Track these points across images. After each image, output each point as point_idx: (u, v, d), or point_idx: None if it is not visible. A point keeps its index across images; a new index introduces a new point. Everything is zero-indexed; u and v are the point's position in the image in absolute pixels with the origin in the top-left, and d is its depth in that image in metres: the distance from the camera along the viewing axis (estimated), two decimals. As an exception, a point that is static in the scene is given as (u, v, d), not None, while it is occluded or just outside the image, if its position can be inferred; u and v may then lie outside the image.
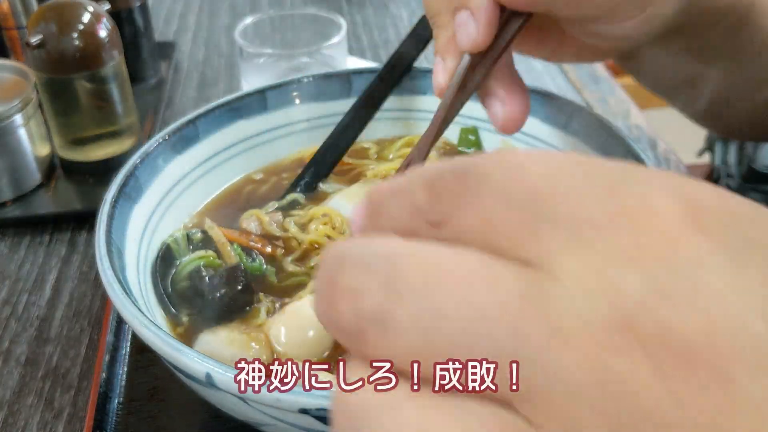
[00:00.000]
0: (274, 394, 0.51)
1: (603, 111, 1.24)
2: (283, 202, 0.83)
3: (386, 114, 0.92)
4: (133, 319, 0.57)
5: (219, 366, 0.53)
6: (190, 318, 0.69)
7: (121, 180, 0.71)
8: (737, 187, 1.42)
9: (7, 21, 1.16)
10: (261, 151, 0.88)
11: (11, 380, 0.78)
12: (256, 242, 0.76)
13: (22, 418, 0.74)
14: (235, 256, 0.73)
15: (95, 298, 0.88)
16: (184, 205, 0.80)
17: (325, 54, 1.08)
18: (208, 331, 0.65)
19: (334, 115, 0.88)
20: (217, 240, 0.75)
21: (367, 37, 1.51)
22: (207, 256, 0.72)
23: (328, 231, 0.78)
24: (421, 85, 0.91)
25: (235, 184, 0.87)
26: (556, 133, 0.83)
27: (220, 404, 0.59)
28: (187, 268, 0.72)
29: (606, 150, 0.78)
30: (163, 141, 0.78)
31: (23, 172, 1.01)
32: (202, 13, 1.64)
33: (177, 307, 0.70)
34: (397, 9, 1.63)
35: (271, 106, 0.87)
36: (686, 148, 1.30)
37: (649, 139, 1.16)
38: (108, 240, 0.65)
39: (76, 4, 0.99)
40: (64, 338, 0.83)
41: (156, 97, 1.27)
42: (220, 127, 0.84)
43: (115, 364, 0.75)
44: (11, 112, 0.96)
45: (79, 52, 0.98)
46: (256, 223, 0.79)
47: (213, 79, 1.37)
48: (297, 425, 0.54)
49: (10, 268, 0.93)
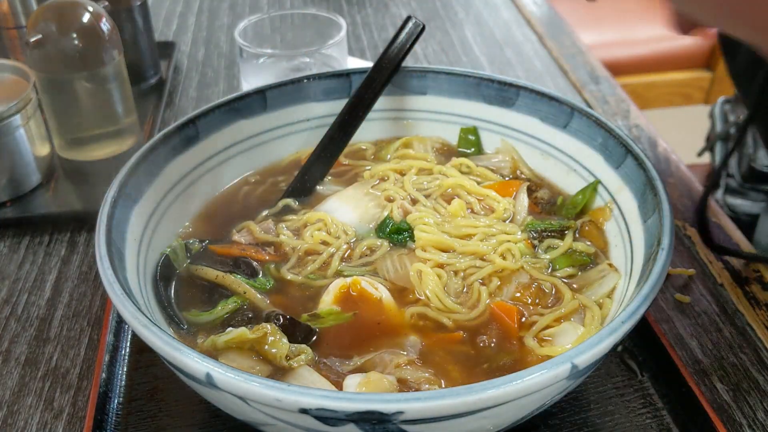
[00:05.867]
0: (274, 393, 0.51)
1: (603, 111, 1.24)
2: (275, 209, 0.83)
3: (382, 115, 0.92)
4: (133, 319, 0.57)
5: (219, 366, 0.53)
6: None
7: (121, 180, 0.71)
8: (737, 187, 1.42)
9: (7, 21, 1.16)
10: (261, 151, 0.88)
11: (11, 380, 0.78)
12: (250, 252, 0.77)
13: (22, 418, 0.74)
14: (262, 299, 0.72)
15: (95, 298, 0.88)
16: (183, 205, 0.80)
17: (325, 54, 1.08)
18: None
19: (334, 115, 0.88)
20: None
21: (367, 37, 1.51)
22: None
23: (324, 237, 0.78)
24: (417, 86, 0.90)
25: (233, 186, 0.87)
26: (557, 133, 0.84)
27: (220, 404, 0.59)
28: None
29: (606, 150, 0.78)
30: (163, 141, 0.78)
31: (23, 172, 1.01)
32: (202, 13, 1.64)
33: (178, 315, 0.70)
34: (397, 9, 1.63)
35: (271, 106, 0.87)
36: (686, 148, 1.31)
37: (649, 139, 1.16)
38: (108, 240, 0.65)
39: (75, 4, 0.99)
40: (64, 338, 0.83)
41: (156, 97, 1.27)
42: (220, 127, 0.84)
43: (115, 364, 0.75)
44: (11, 112, 0.96)
45: (79, 51, 0.98)
46: (248, 233, 0.79)
47: (213, 79, 1.37)
48: (297, 425, 0.54)
49: (9, 268, 0.93)
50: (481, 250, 0.75)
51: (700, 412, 0.67)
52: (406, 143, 0.92)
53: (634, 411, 0.71)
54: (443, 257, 0.74)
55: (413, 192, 0.83)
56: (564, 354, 0.53)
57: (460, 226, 0.77)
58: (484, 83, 0.87)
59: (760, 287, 0.87)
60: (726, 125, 1.59)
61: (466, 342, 0.67)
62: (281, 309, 0.70)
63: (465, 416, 0.51)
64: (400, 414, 0.50)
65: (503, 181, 0.85)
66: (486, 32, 1.52)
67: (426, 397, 0.50)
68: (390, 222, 0.78)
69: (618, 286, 0.71)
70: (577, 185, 0.82)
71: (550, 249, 0.76)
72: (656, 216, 0.67)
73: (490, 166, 0.87)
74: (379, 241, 0.77)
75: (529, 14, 1.60)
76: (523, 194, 0.82)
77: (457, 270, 0.73)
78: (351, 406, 0.50)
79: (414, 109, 0.92)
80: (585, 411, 0.71)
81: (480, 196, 0.83)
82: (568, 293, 0.70)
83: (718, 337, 0.81)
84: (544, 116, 0.84)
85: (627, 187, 0.74)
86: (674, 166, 1.09)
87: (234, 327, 0.66)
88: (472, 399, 0.50)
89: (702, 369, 0.77)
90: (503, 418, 0.56)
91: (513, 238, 0.76)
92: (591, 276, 0.73)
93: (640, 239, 0.69)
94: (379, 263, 0.75)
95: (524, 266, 0.73)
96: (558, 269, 0.74)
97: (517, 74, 1.36)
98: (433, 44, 1.47)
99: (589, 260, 0.74)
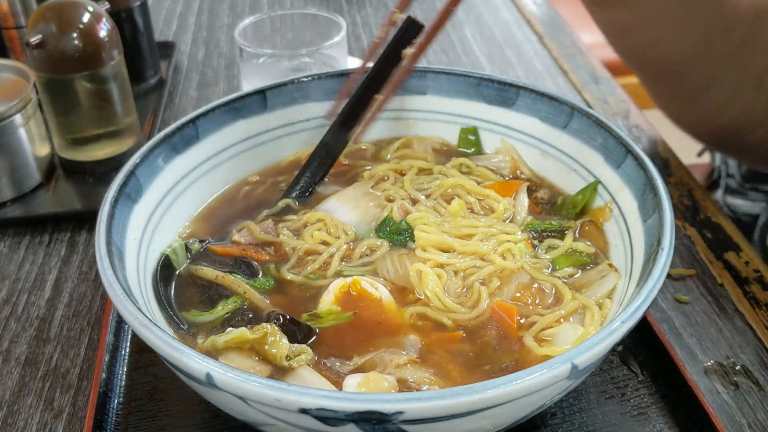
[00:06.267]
0: (274, 393, 0.51)
1: (603, 111, 1.24)
2: (275, 209, 0.83)
3: (383, 114, 0.92)
4: (133, 320, 0.57)
5: (219, 366, 0.53)
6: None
7: (121, 180, 0.71)
8: (737, 187, 1.42)
9: (7, 21, 1.16)
10: (261, 151, 0.88)
11: (11, 380, 0.78)
12: (250, 252, 0.77)
13: (22, 418, 0.74)
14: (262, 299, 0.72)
15: (95, 298, 0.88)
16: (183, 205, 0.80)
17: (325, 54, 1.08)
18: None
19: (333, 115, 0.88)
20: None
21: (367, 37, 1.51)
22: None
23: (324, 237, 0.78)
24: (417, 86, 0.90)
25: (233, 186, 0.87)
26: (557, 133, 0.84)
27: (220, 404, 0.59)
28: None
29: (606, 150, 0.78)
30: (163, 141, 0.78)
31: (23, 172, 1.01)
32: (202, 13, 1.64)
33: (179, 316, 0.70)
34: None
35: (271, 106, 0.87)
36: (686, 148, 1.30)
37: (649, 139, 1.16)
38: (108, 240, 0.65)
39: (75, 4, 0.99)
40: (64, 338, 0.83)
41: (156, 97, 1.27)
42: (220, 127, 0.84)
43: (115, 364, 0.75)
44: (11, 112, 0.96)
45: (79, 52, 0.97)
46: (248, 233, 0.79)
47: (213, 79, 1.37)
48: (297, 425, 0.54)
49: (10, 268, 0.93)
50: (481, 250, 0.75)
51: (700, 412, 0.67)
52: (406, 143, 0.92)
53: (635, 411, 0.71)
54: (443, 257, 0.74)
55: (413, 192, 0.83)
56: (564, 354, 0.53)
57: (460, 226, 0.77)
58: (484, 83, 0.87)
59: (760, 287, 0.87)
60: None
61: (466, 342, 0.67)
62: (281, 309, 0.70)
63: (465, 416, 0.51)
64: (400, 414, 0.50)
65: (503, 181, 0.85)
66: (486, 32, 1.52)
67: (426, 397, 0.50)
68: (390, 222, 0.78)
69: (618, 286, 0.71)
70: (577, 185, 0.82)
71: (550, 249, 0.76)
72: (656, 216, 0.67)
73: (490, 166, 0.87)
74: (379, 241, 0.77)
75: (529, 14, 1.60)
76: (523, 194, 0.82)
77: (457, 270, 0.73)
78: (351, 406, 0.50)
79: (414, 109, 0.92)
80: (585, 411, 0.71)
81: (480, 196, 0.83)
82: (568, 293, 0.70)
83: (718, 337, 0.81)
84: (544, 116, 0.84)
85: (627, 187, 0.74)
86: (674, 166, 1.09)
87: (234, 327, 0.66)
88: (472, 399, 0.50)
89: (702, 369, 0.77)
90: (503, 418, 0.56)
91: (513, 238, 0.76)
92: (591, 276, 0.73)
93: (640, 239, 0.69)
94: (379, 263, 0.75)
95: (524, 266, 0.73)
96: (558, 269, 0.74)
97: (517, 74, 1.36)
98: (433, 44, 1.47)
99: (589, 260, 0.74)
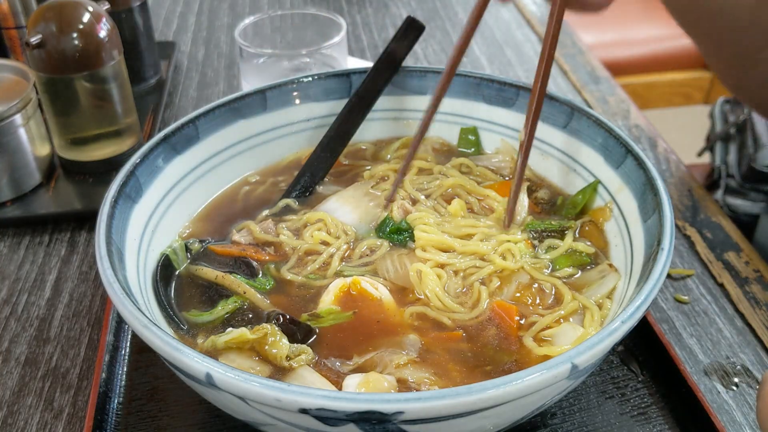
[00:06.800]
0: (274, 393, 0.51)
1: (603, 111, 1.24)
2: (275, 209, 0.83)
3: (382, 114, 0.92)
4: (133, 319, 0.57)
5: (219, 366, 0.53)
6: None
7: (121, 180, 0.71)
8: (737, 187, 1.42)
9: (7, 21, 1.16)
10: (261, 151, 0.88)
11: (11, 380, 0.78)
12: (249, 252, 0.77)
13: (22, 418, 0.74)
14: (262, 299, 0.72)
15: (95, 298, 0.88)
16: (183, 205, 0.80)
17: (325, 54, 1.08)
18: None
19: (334, 115, 0.88)
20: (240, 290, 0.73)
21: (367, 37, 1.51)
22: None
23: (324, 237, 0.78)
24: (417, 86, 0.90)
25: (233, 186, 0.87)
26: (556, 133, 0.84)
27: (220, 404, 0.59)
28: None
29: (606, 150, 0.78)
30: (163, 141, 0.78)
31: (23, 172, 1.01)
32: (202, 13, 1.64)
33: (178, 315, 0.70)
34: (397, 9, 1.63)
35: (271, 106, 0.87)
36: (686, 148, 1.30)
37: (649, 139, 1.16)
38: (108, 240, 0.65)
39: (75, 4, 0.99)
40: (63, 338, 0.83)
41: (156, 97, 1.27)
42: (220, 127, 0.84)
43: (115, 364, 0.75)
44: (11, 112, 0.96)
45: (79, 52, 0.97)
46: (248, 233, 0.79)
47: (213, 79, 1.37)
48: (297, 425, 0.54)
49: (9, 268, 0.93)
50: (481, 250, 0.75)
51: (700, 412, 0.67)
52: (406, 143, 0.92)
53: (634, 411, 0.71)
54: (443, 257, 0.74)
55: (413, 192, 0.83)
56: (564, 354, 0.53)
57: (460, 226, 0.77)
58: (484, 83, 0.87)
59: (760, 287, 0.87)
60: (726, 125, 1.59)
61: (466, 341, 0.67)
62: (281, 309, 0.70)
63: (465, 416, 0.51)
64: (400, 414, 0.50)
65: (503, 181, 0.85)
66: (486, 32, 1.52)
67: (426, 397, 0.50)
68: (390, 222, 0.78)
69: (618, 286, 0.71)
70: (577, 185, 0.82)
71: (550, 249, 0.76)
72: (656, 216, 0.67)
73: (490, 166, 0.87)
74: (379, 241, 0.77)
75: (529, 14, 1.60)
76: (523, 194, 0.82)
77: (457, 270, 0.73)
78: (351, 406, 0.50)
79: (414, 109, 0.92)
80: (585, 411, 0.71)
81: (480, 196, 0.83)
82: (568, 293, 0.70)
83: (718, 337, 0.81)
84: (544, 116, 0.84)
85: (627, 187, 0.74)
86: (674, 166, 1.09)
87: (234, 327, 0.66)
88: (472, 399, 0.50)
89: (702, 369, 0.77)
90: (503, 418, 0.56)
91: (513, 238, 0.76)
92: (591, 276, 0.73)
93: (640, 239, 0.69)
94: (379, 263, 0.75)
95: (524, 266, 0.73)
96: (558, 269, 0.74)
97: (517, 74, 1.36)
98: (433, 44, 1.47)
99: (589, 260, 0.74)
